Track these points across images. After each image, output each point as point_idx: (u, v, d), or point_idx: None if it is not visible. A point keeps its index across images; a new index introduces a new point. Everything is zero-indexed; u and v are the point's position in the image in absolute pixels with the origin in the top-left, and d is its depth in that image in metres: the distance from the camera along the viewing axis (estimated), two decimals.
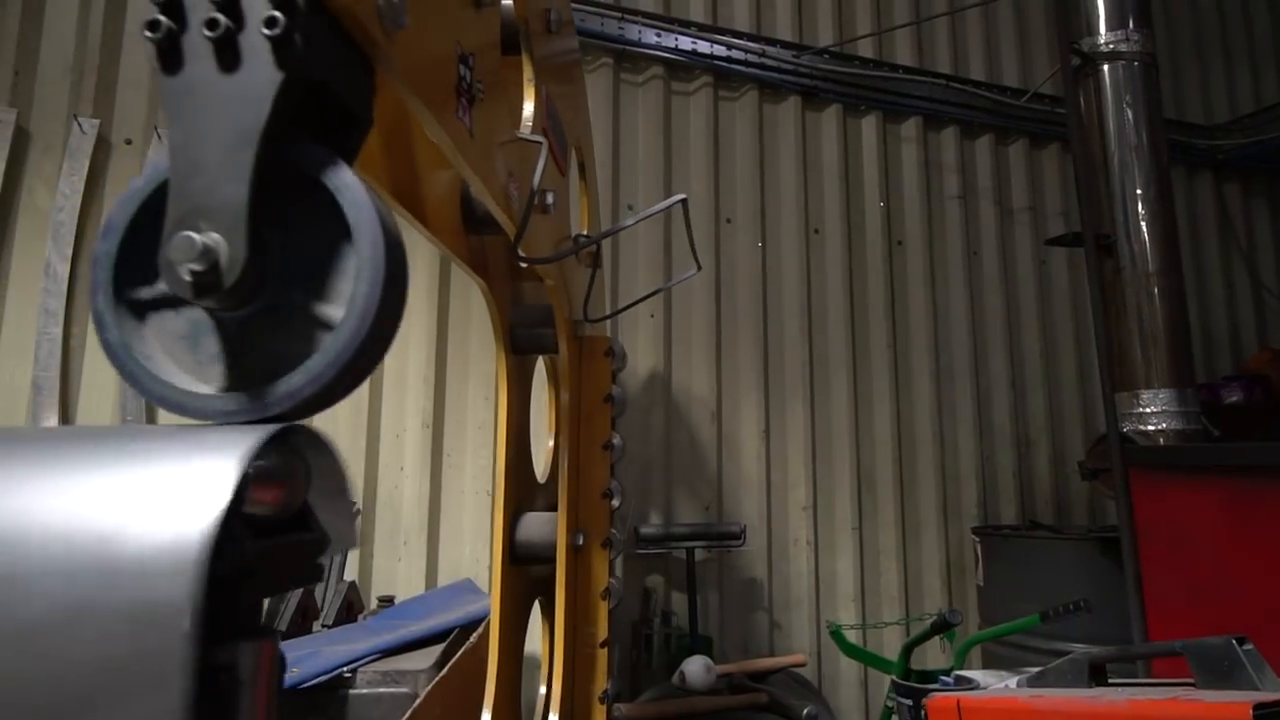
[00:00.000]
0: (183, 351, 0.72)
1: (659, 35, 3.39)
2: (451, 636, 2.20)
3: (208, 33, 0.64)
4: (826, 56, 3.67)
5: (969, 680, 1.77)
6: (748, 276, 3.43)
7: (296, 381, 0.69)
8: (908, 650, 2.31)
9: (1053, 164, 4.17)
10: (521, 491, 1.81)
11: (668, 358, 3.25)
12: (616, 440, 2.10)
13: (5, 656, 0.32)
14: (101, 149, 2.65)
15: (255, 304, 0.70)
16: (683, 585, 3.04)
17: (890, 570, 3.44)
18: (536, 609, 1.86)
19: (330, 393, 0.73)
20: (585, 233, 2.26)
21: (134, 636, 0.32)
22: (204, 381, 0.72)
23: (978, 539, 3.30)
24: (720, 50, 3.48)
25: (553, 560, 1.85)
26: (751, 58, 3.52)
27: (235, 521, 0.40)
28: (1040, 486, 3.82)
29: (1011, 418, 3.80)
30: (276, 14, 0.64)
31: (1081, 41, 2.75)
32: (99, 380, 2.56)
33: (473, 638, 2.11)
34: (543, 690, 1.91)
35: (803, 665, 2.35)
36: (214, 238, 0.63)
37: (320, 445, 0.64)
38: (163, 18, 0.65)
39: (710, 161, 3.45)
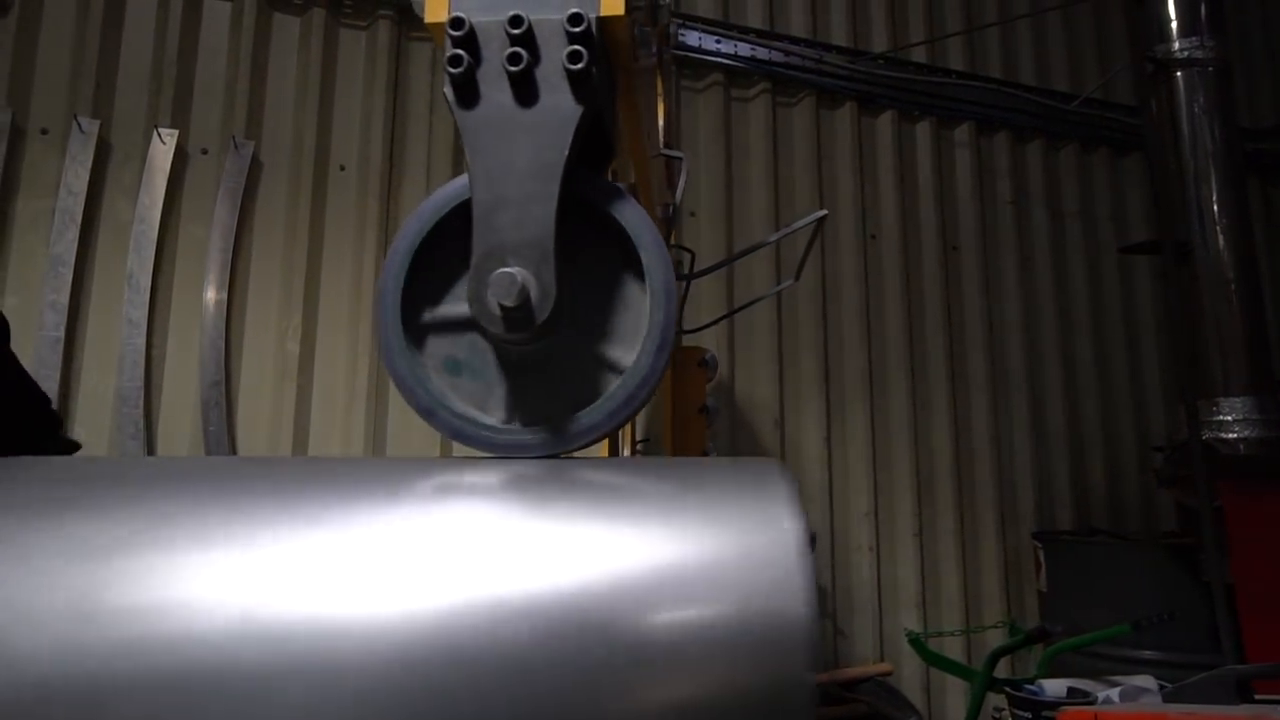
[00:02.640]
0: (468, 385, 0.73)
1: (719, 41, 3.39)
2: None
3: (510, 67, 0.65)
4: (881, 62, 3.67)
5: (1083, 692, 1.77)
6: (808, 282, 3.43)
7: (601, 413, 0.69)
8: (994, 658, 2.31)
9: (1103, 168, 4.16)
10: None
11: (731, 364, 3.26)
12: (713, 453, 2.10)
13: None
14: (179, 159, 2.66)
15: (549, 337, 0.70)
16: None
17: (951, 576, 3.44)
18: None
19: (623, 423, 0.74)
20: (674, 242, 2.26)
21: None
22: (488, 413, 0.73)
23: (1040, 545, 3.30)
24: (778, 56, 3.48)
25: None
26: (809, 63, 3.52)
27: None
28: (1095, 492, 3.81)
29: (1066, 422, 3.80)
30: (580, 49, 0.65)
31: (1156, 49, 2.75)
32: (181, 391, 2.57)
33: None
34: None
35: (889, 674, 2.36)
36: (523, 273, 0.64)
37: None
38: (463, 53, 0.66)
39: (769, 168, 3.45)
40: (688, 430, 2.10)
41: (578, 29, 0.66)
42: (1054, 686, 2.05)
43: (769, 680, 0.33)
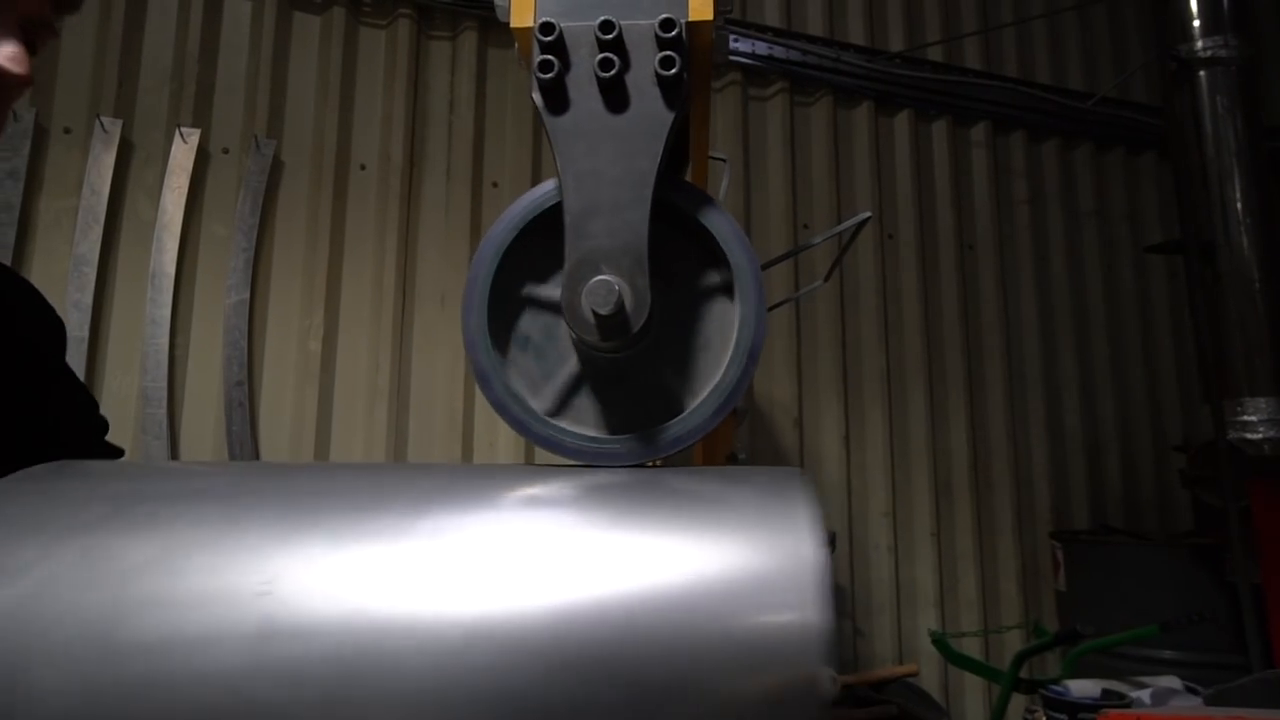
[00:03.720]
0: (551, 390, 0.72)
1: (736, 40, 3.38)
2: None
3: (601, 73, 0.64)
4: (898, 61, 3.66)
5: (1118, 694, 1.76)
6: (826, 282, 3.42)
7: (692, 423, 0.69)
8: (1021, 659, 2.31)
9: (1117, 167, 4.15)
10: None
11: None
12: (742, 454, 2.10)
13: None
14: (201, 158, 2.65)
15: (639, 344, 0.70)
16: None
17: (968, 575, 3.44)
18: None
19: (708, 432, 0.73)
20: None
21: None
22: (574, 422, 0.72)
23: (1058, 544, 3.29)
24: (796, 55, 3.47)
25: None
26: (826, 62, 3.51)
27: None
28: (1111, 491, 3.81)
29: (1082, 422, 3.79)
30: (673, 55, 0.64)
31: (1179, 48, 2.74)
32: (204, 390, 2.57)
33: None
34: None
35: (916, 674, 2.36)
36: (619, 280, 0.63)
37: None
38: (553, 58, 0.65)
39: (787, 167, 3.44)
40: (716, 431, 2.09)
41: (669, 34, 0.65)
42: (1081, 687, 2.05)
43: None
